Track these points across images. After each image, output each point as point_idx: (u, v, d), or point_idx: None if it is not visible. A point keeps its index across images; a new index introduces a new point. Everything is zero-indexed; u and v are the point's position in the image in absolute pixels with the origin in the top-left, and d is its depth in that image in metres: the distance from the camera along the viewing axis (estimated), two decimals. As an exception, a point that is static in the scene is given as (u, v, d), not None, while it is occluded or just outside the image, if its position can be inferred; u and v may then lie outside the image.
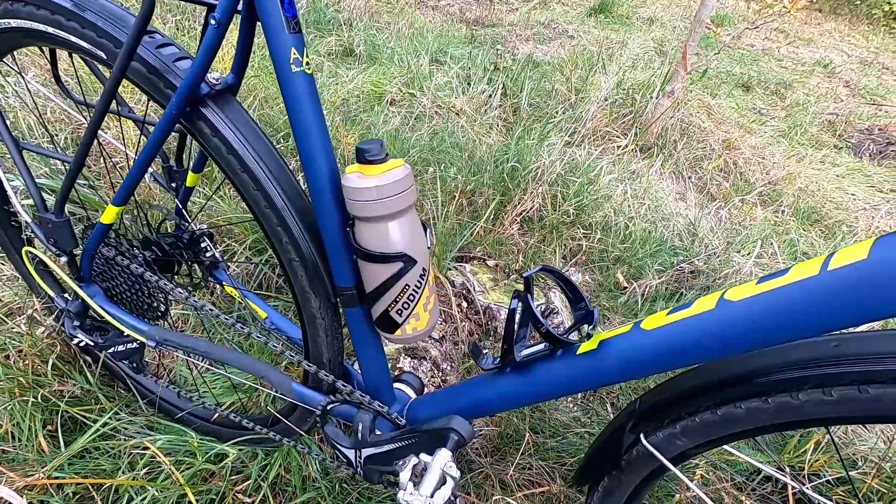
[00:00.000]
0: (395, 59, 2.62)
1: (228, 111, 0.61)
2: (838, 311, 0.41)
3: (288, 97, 0.55)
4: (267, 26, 0.51)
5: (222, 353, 0.80)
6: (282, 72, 0.53)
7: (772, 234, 2.03)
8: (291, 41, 0.52)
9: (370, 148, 0.53)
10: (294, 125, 0.56)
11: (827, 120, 3.66)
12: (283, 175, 0.63)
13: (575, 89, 2.55)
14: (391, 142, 2.00)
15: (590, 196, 1.75)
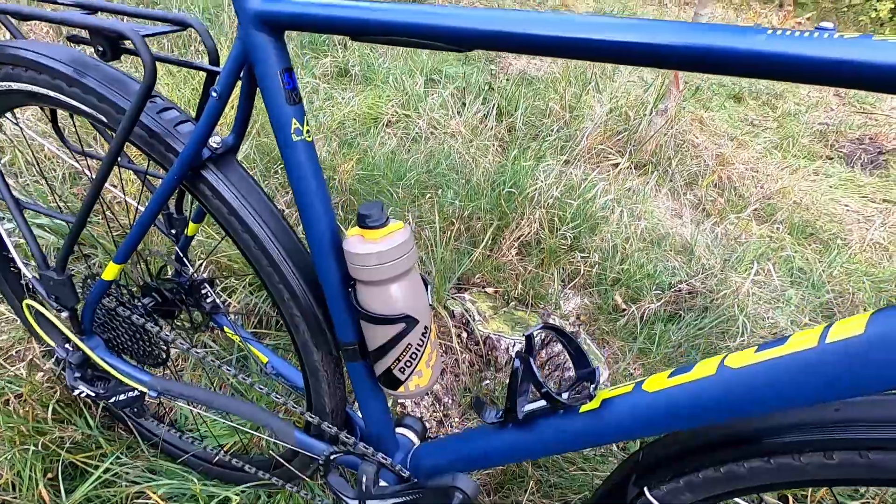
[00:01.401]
0: (391, 80, 2.64)
1: (229, 173, 0.61)
2: (834, 383, 0.41)
3: (289, 165, 0.55)
4: (268, 100, 0.52)
5: (223, 402, 0.80)
6: (283, 142, 0.54)
7: (767, 250, 2.04)
8: (292, 112, 0.52)
9: (371, 213, 0.54)
10: (296, 191, 0.57)
11: (818, 130, 3.69)
12: (284, 234, 0.63)
13: (569, 107, 2.57)
14: (388, 165, 2.01)
15: (586, 219, 1.77)
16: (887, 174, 3.30)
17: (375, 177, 1.93)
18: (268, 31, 0.49)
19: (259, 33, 0.49)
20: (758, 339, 1.56)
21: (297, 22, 0.47)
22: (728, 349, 1.52)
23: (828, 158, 3.39)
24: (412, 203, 1.80)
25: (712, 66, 0.36)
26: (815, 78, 0.33)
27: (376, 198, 1.79)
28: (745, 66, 0.34)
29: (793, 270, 2.01)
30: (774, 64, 0.33)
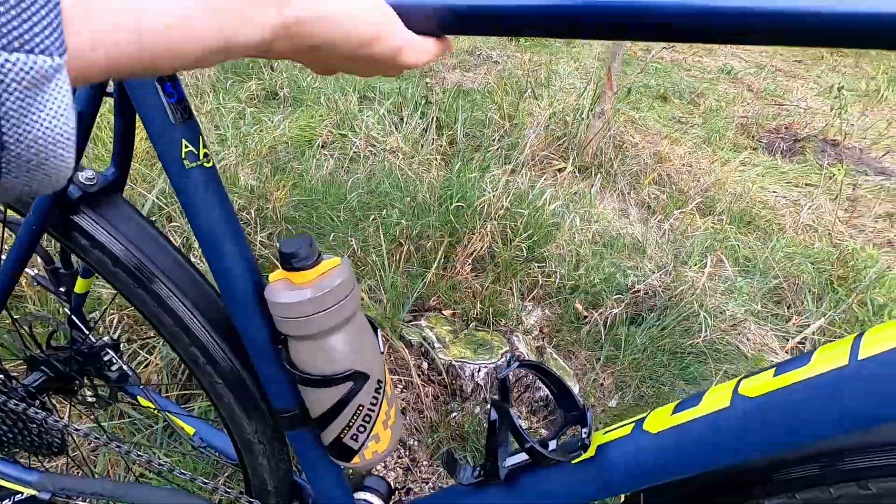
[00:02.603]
0: (323, 100, 2.52)
1: (111, 215, 0.48)
2: (876, 404, 0.34)
3: (185, 199, 0.43)
4: (146, 118, 0.40)
5: (136, 491, 0.65)
6: (172, 171, 0.42)
7: (713, 242, 2.08)
8: (181, 132, 0.41)
9: (297, 251, 0.43)
10: (196, 229, 0.45)
11: (739, 123, 3.90)
12: (191, 284, 0.51)
13: (508, 116, 2.55)
14: (326, 188, 1.89)
15: (538, 227, 1.71)
16: (805, 160, 3.52)
17: (313, 201, 1.80)
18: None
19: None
20: (719, 333, 1.55)
21: None
22: (693, 347, 1.50)
23: (752, 149, 3.57)
24: (355, 227, 1.69)
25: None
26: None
27: (315, 225, 1.66)
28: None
29: (739, 259, 2.05)
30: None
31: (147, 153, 1.70)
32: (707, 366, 1.49)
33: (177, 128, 0.40)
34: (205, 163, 0.43)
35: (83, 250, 0.49)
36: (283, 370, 0.49)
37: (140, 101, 0.40)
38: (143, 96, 0.39)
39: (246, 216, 1.55)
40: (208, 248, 0.45)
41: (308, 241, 0.44)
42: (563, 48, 5.22)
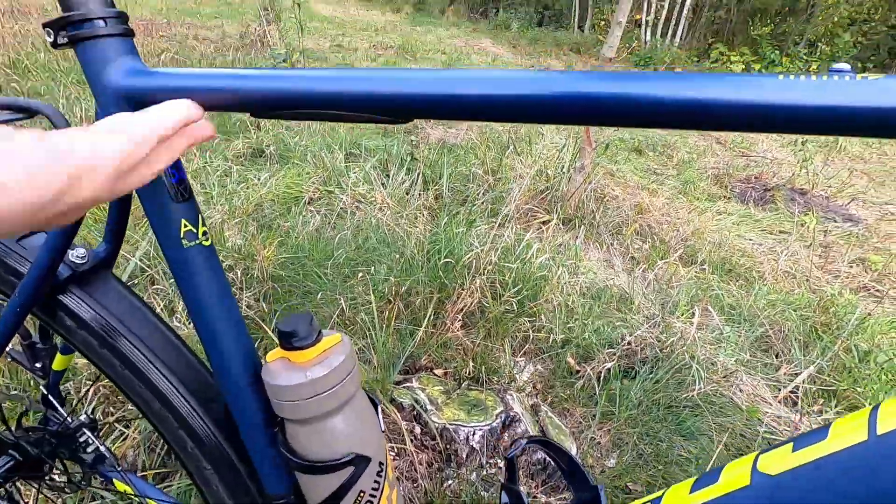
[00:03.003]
0: (309, 157, 2.56)
1: (100, 294, 0.47)
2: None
3: (181, 278, 0.42)
4: (146, 199, 0.40)
5: None
6: (170, 250, 0.41)
7: (698, 292, 2.10)
8: (181, 212, 0.40)
9: (296, 330, 0.42)
10: (192, 309, 0.43)
11: (712, 174, 4.07)
12: (182, 365, 0.48)
13: (491, 171, 2.62)
14: (312, 245, 1.88)
15: (527, 281, 1.72)
16: (776, 208, 3.65)
17: (300, 259, 1.78)
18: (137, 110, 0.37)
19: (126, 115, 0.37)
20: (712, 384, 1.54)
21: (181, 96, 0.36)
22: (688, 400, 1.48)
23: (725, 198, 3.71)
24: (343, 284, 1.67)
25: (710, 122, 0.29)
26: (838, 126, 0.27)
27: (302, 283, 1.64)
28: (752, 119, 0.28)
29: (724, 308, 2.07)
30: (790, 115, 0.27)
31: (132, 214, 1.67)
32: (703, 419, 1.47)
33: (176, 207, 0.40)
34: (203, 241, 0.42)
35: (69, 331, 0.47)
36: (278, 455, 0.46)
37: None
38: (144, 177, 0.39)
39: (232, 276, 1.53)
40: (203, 326, 0.43)
41: (308, 318, 0.42)
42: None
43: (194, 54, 4.21)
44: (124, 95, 0.37)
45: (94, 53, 0.36)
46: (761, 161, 4.63)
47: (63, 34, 0.35)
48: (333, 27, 8.26)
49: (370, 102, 0.31)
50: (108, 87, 0.36)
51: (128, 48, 0.37)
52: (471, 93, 0.30)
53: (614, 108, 0.29)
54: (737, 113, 0.27)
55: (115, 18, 0.36)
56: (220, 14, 7.52)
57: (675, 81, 0.29)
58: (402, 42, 7.39)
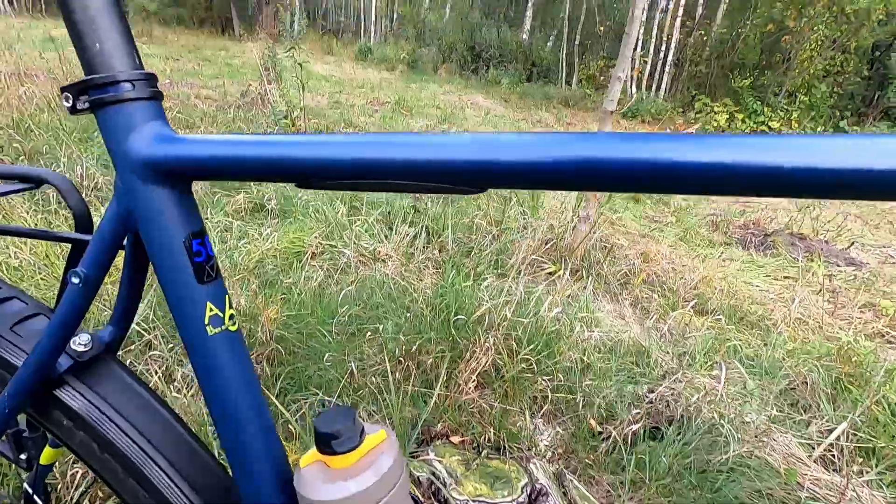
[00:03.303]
0: (311, 211, 2.54)
1: (103, 387, 0.40)
2: None
3: (203, 367, 0.36)
4: (166, 280, 0.34)
5: None
6: (192, 336, 0.35)
7: (714, 343, 2.04)
8: (205, 294, 0.35)
9: (339, 431, 0.35)
10: (213, 402, 0.37)
11: (710, 220, 4.09)
12: (197, 471, 0.41)
13: (495, 222, 2.60)
14: (316, 302, 1.81)
15: (540, 336, 1.65)
16: (778, 253, 3.65)
17: (303, 317, 1.71)
18: (166, 183, 0.33)
19: (151, 187, 0.32)
20: (745, 445, 1.45)
21: (212, 168, 0.32)
22: (721, 464, 1.39)
23: (726, 244, 3.71)
24: (350, 343, 1.59)
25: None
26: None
27: (306, 344, 1.56)
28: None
29: (743, 360, 2.00)
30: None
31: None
32: (739, 484, 1.36)
33: (201, 289, 0.34)
34: (230, 326, 0.36)
35: (65, 431, 0.40)
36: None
37: (161, 262, 0.34)
38: (165, 253, 0.34)
39: (233, 338, 1.45)
40: (225, 425, 0.37)
41: (351, 415, 0.36)
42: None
43: (196, 112, 4.29)
44: (148, 165, 0.32)
45: (118, 119, 0.32)
46: (757, 207, 4.69)
47: (84, 99, 0.31)
48: (331, 85, 8.55)
49: (443, 169, 0.26)
50: (130, 155, 0.32)
51: (155, 112, 0.33)
52: (561, 157, 0.25)
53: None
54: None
55: (143, 81, 0.32)
56: (222, 74, 7.76)
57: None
58: (398, 98, 7.63)
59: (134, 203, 0.33)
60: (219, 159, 0.30)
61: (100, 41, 0.30)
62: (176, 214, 0.33)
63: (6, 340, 0.39)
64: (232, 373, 0.36)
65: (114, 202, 0.34)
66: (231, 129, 4.02)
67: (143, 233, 0.33)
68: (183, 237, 0.33)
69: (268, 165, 0.30)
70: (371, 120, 5.94)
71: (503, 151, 0.25)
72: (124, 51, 0.31)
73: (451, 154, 0.26)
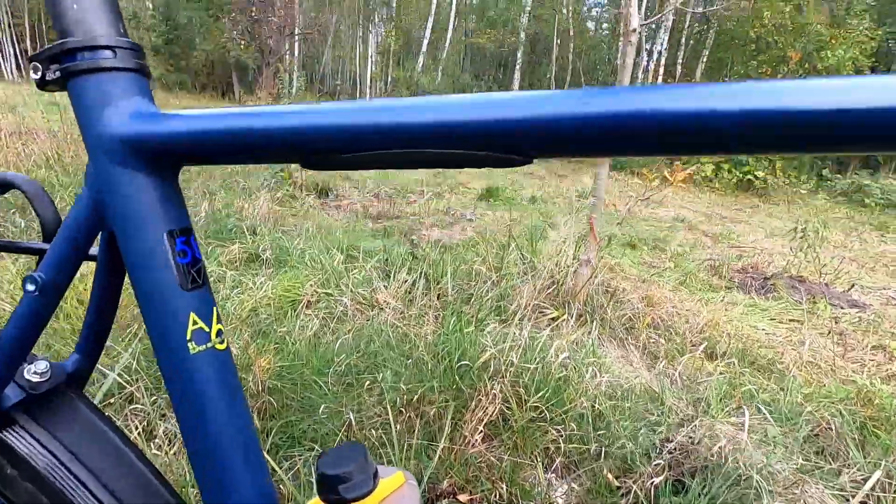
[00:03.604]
0: (307, 260, 2.49)
1: (61, 429, 0.33)
2: None
3: (181, 394, 0.30)
4: (142, 284, 0.29)
5: None
6: (170, 355, 0.29)
7: (729, 388, 1.95)
8: (190, 303, 0.29)
9: (348, 475, 0.28)
10: (191, 437, 0.30)
11: (708, 265, 4.07)
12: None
13: (495, 267, 2.55)
14: (311, 351, 1.72)
15: (548, 382, 1.56)
16: (779, 296, 3.61)
17: (297, 367, 1.62)
18: (148, 167, 0.28)
19: (130, 172, 0.27)
20: (777, 498, 1.33)
21: (204, 148, 0.27)
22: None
23: (727, 288, 3.67)
24: (346, 393, 1.49)
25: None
26: None
27: (301, 395, 1.46)
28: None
29: (760, 405, 1.91)
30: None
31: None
32: (775, 543, 1.25)
33: (184, 298, 0.29)
34: (217, 344, 0.30)
35: (6, 482, 0.32)
36: None
37: (137, 257, 0.28)
38: (143, 252, 0.28)
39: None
40: (206, 465, 0.30)
41: (361, 452, 0.29)
42: (529, 205, 5.63)
43: (195, 167, 4.33)
44: (126, 144, 0.27)
45: (94, 91, 0.27)
46: (751, 251, 4.70)
47: (55, 68, 0.27)
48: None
49: (484, 132, 0.22)
50: (105, 133, 0.27)
51: (139, 87, 0.28)
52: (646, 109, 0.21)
53: None
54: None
55: (127, 50, 0.28)
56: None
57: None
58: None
59: (108, 193, 0.28)
60: (212, 137, 0.26)
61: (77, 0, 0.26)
62: (158, 206, 0.28)
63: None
64: (217, 400, 0.30)
65: (84, 194, 0.29)
66: (226, 181, 4.04)
67: (119, 229, 0.28)
68: (164, 231, 0.28)
69: (271, 140, 0.25)
70: (367, 174, 6.02)
71: (561, 106, 0.21)
72: (107, 13, 0.27)
73: (493, 114, 0.22)
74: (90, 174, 0.28)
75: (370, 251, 2.72)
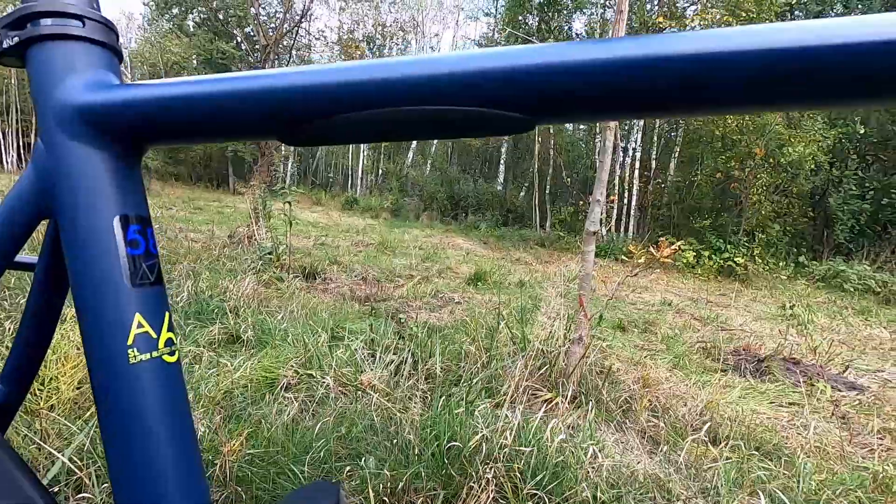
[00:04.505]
0: (290, 340, 2.39)
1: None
2: None
3: (112, 408, 0.24)
4: (80, 272, 0.25)
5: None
6: (105, 363, 0.24)
7: (738, 475, 1.82)
8: (136, 301, 0.25)
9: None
10: (115, 459, 0.24)
11: (700, 347, 4.01)
12: None
13: (484, 349, 2.47)
14: (288, 437, 1.59)
15: (546, 470, 1.44)
16: (776, 378, 3.53)
17: (271, 454, 1.48)
18: (104, 141, 0.25)
19: (83, 147, 0.25)
20: None
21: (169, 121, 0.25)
22: None
23: (721, 371, 3.58)
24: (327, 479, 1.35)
25: None
26: None
27: (273, 484, 1.31)
28: None
29: (773, 494, 1.77)
30: None
31: (74, 385, 1.40)
32: None
33: (130, 294, 0.25)
34: (165, 355, 0.26)
35: None
36: None
37: (79, 243, 0.24)
38: (87, 238, 0.24)
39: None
40: (126, 497, 0.24)
41: (333, 492, 0.24)
42: (517, 290, 5.63)
43: (181, 248, 4.31)
44: (83, 114, 0.24)
45: (54, 58, 0.25)
46: (741, 334, 4.67)
47: (14, 34, 0.25)
48: (318, 230, 8.90)
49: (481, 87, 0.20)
50: (60, 102, 0.24)
51: (105, 62, 0.26)
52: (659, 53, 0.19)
53: None
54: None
55: (98, 24, 0.26)
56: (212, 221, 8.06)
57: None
58: (382, 240, 7.92)
59: (57, 172, 0.24)
60: (178, 105, 0.23)
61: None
62: (112, 187, 0.24)
63: None
64: (156, 423, 0.24)
65: (29, 171, 0.25)
66: (213, 263, 4.00)
67: (64, 215, 0.24)
68: (117, 217, 0.24)
69: (245, 107, 0.23)
70: (356, 258, 6.05)
71: (567, 54, 0.19)
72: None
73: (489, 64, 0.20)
74: (38, 150, 0.25)
75: (356, 332, 2.64)
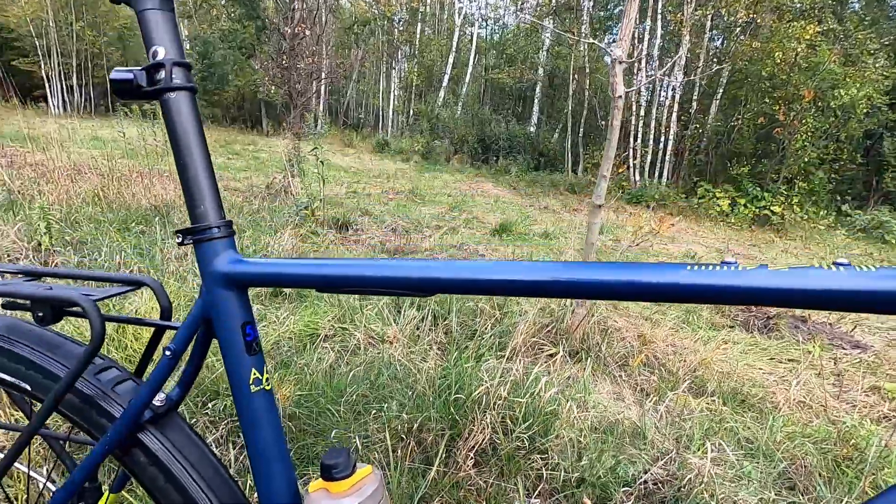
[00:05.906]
0: (325, 295, 2.73)
1: (171, 433, 0.56)
2: None
3: (245, 417, 0.52)
4: (227, 351, 0.51)
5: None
6: (239, 392, 0.52)
7: (712, 424, 2.08)
8: (251, 363, 0.52)
9: (337, 462, 0.50)
10: (250, 444, 0.52)
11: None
12: (230, 498, 0.55)
13: (498, 306, 2.75)
14: (326, 382, 1.94)
15: (537, 416, 1.74)
16: (781, 336, 3.69)
17: (314, 396, 1.83)
18: (233, 288, 0.51)
19: (224, 291, 0.51)
20: (738, 527, 1.47)
21: (264, 280, 0.50)
22: (713, 546, 1.41)
23: (729, 327, 3.77)
24: (356, 421, 1.70)
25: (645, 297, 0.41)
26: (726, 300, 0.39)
27: (316, 420, 1.67)
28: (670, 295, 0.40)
29: (740, 441, 2.03)
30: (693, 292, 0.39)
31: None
32: (734, 569, 1.38)
33: (248, 359, 0.51)
34: (265, 386, 0.53)
35: (139, 468, 0.55)
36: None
37: (225, 338, 0.51)
38: (228, 336, 0.51)
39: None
40: (258, 459, 0.52)
41: (346, 452, 0.51)
42: (541, 240, 5.81)
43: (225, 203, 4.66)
44: (224, 277, 0.51)
45: (208, 250, 0.51)
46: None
47: (189, 237, 0.51)
48: (349, 175, 9.16)
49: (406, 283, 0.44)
50: (215, 273, 0.50)
51: (230, 244, 0.52)
52: (479, 277, 0.43)
53: (571, 290, 0.42)
54: (654, 291, 0.40)
55: (225, 226, 0.51)
56: (249, 168, 8.43)
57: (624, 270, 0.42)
58: (412, 187, 8.13)
59: (211, 301, 0.51)
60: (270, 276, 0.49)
61: (202, 201, 0.50)
62: (237, 309, 0.51)
63: (108, 397, 0.55)
64: (264, 423, 0.52)
65: (199, 301, 0.52)
66: (254, 217, 4.37)
67: (215, 320, 0.51)
68: (240, 324, 0.51)
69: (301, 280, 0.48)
70: (385, 208, 6.33)
71: (441, 271, 0.43)
72: (215, 206, 0.51)
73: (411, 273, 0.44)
74: (203, 291, 0.52)
75: (384, 288, 2.95)
